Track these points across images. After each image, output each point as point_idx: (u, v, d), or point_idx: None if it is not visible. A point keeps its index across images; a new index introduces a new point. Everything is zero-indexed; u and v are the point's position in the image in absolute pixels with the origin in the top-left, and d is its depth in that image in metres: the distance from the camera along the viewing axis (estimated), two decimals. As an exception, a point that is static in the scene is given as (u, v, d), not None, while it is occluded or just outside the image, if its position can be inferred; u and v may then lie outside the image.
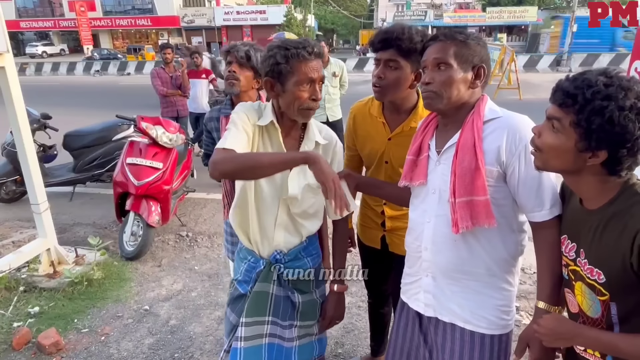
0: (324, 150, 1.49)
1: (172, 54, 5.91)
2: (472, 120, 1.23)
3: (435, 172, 1.31)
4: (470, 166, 1.20)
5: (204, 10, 37.75)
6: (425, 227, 1.34)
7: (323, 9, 46.84)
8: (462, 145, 1.22)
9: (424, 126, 1.41)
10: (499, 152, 1.19)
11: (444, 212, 1.28)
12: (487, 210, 1.19)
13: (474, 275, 1.29)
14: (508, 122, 1.22)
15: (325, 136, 1.51)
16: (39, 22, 38.03)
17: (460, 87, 1.23)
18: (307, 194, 1.45)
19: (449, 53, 1.21)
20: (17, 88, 2.77)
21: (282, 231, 1.48)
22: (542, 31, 31.15)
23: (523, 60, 18.77)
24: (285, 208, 1.45)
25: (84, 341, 2.55)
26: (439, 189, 1.30)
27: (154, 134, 3.66)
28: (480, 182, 1.18)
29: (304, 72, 1.32)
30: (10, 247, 3.62)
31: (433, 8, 34.38)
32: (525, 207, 1.22)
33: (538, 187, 1.18)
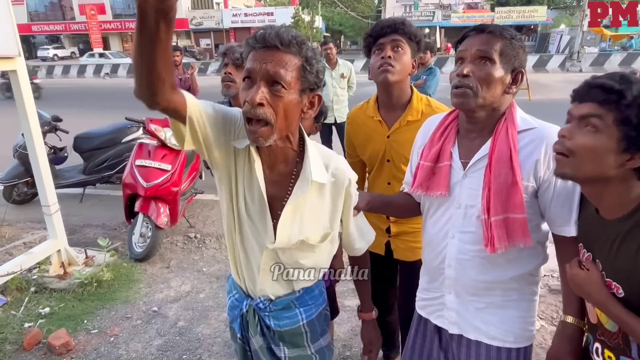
0: (333, 190, 1.16)
1: (180, 57, 5.94)
2: (505, 130, 1.13)
3: (462, 185, 1.20)
4: (506, 181, 1.11)
5: (212, 12, 38.00)
6: (449, 243, 1.24)
7: (330, 11, 46.89)
8: (498, 158, 1.12)
9: (442, 130, 1.27)
10: (536, 167, 1.11)
11: (469, 229, 1.19)
12: (524, 229, 1.11)
13: (500, 290, 1.23)
14: (543, 133, 1.13)
15: (334, 172, 1.15)
16: (50, 26, 38.55)
17: (498, 89, 1.11)
18: (300, 251, 1.18)
19: (495, 48, 1.09)
20: (28, 91, 2.81)
21: (267, 278, 1.22)
22: (551, 31, 30.86)
23: (532, 60, 18.60)
24: (271, 254, 1.18)
25: (93, 342, 2.57)
26: (465, 204, 1.20)
27: (162, 136, 3.68)
28: (518, 199, 1.10)
29: (246, 65, 1.02)
30: (21, 248, 3.67)
31: (441, 8, 34.25)
32: (555, 221, 1.15)
33: (571, 202, 1.12)
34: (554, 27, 31.00)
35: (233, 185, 1.15)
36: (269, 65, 0.97)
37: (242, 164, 1.12)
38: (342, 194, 1.17)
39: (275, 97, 0.99)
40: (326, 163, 1.15)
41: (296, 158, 1.14)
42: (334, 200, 1.17)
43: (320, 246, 1.19)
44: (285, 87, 0.99)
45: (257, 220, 1.15)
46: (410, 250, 1.76)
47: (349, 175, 1.18)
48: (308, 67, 1.02)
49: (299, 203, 1.12)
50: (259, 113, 0.98)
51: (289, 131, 1.08)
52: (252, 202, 1.14)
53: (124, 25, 37.88)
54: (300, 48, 1.01)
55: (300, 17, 35.44)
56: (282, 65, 0.98)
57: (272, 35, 0.98)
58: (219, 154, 1.11)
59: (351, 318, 2.71)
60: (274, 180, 1.13)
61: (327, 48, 5.27)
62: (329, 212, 1.18)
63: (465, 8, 34.87)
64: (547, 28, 32.43)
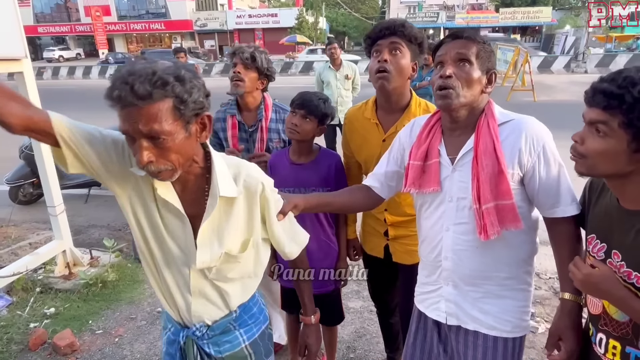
0: (247, 198, 1.12)
1: (185, 58, 5.97)
2: (486, 124, 1.21)
3: (452, 179, 1.27)
4: (493, 171, 1.18)
5: (216, 14, 38.13)
6: (444, 236, 1.30)
7: (334, 12, 46.91)
8: (482, 150, 1.19)
9: (428, 130, 1.34)
10: (520, 155, 1.18)
11: (463, 220, 1.26)
12: (514, 213, 1.18)
13: (496, 279, 1.28)
14: (522, 124, 1.21)
15: (246, 180, 1.12)
16: (56, 27, 38.82)
17: (477, 88, 1.21)
18: (226, 264, 1.14)
19: (472, 51, 1.20)
20: (34, 93, 2.83)
21: (200, 301, 1.17)
22: (556, 32, 30.73)
23: (537, 62, 18.53)
24: (199, 274, 1.15)
25: (98, 342, 2.58)
26: (456, 196, 1.26)
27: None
28: (505, 186, 1.17)
29: (119, 123, 0.93)
30: (27, 248, 3.69)
31: (445, 9, 34.19)
32: (545, 205, 1.22)
33: (558, 185, 1.19)
34: (559, 28, 30.84)
35: (142, 213, 1.10)
36: (140, 126, 0.89)
37: (149, 189, 1.07)
38: (257, 200, 1.14)
39: (161, 149, 0.93)
40: (236, 172, 1.12)
41: (205, 174, 1.11)
42: (249, 207, 1.14)
43: (243, 255, 1.16)
44: (165, 137, 0.92)
45: (182, 242, 1.11)
46: (408, 253, 1.75)
47: (262, 180, 1.15)
48: (181, 105, 0.92)
49: (215, 218, 1.10)
50: (153, 170, 0.95)
51: (190, 160, 1.05)
52: (172, 225, 1.10)
53: (129, 27, 38.10)
54: (164, 90, 0.89)
55: (304, 18, 35.49)
56: (153, 120, 0.89)
57: (127, 93, 0.86)
58: (116, 181, 1.07)
59: (355, 320, 2.71)
60: (188, 199, 1.10)
61: (331, 49, 5.28)
62: (245, 219, 1.15)
63: (469, 9, 34.78)
64: (552, 29, 32.28)
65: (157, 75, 0.89)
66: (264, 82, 2.04)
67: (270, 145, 2.04)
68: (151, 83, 0.88)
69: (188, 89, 0.93)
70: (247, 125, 2.06)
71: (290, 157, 1.84)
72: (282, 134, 2.02)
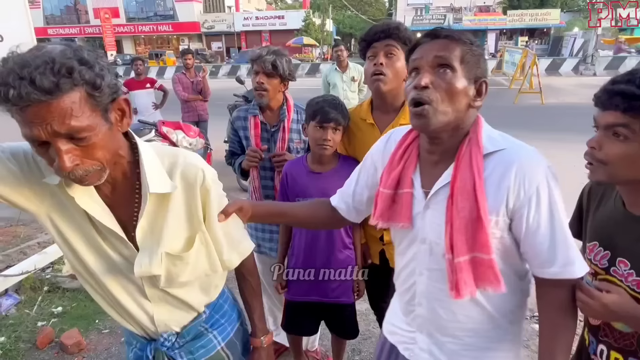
0: (186, 189, 0.99)
1: (192, 60, 6.00)
2: (469, 153, 0.97)
3: (424, 217, 1.04)
4: (471, 216, 0.94)
5: (223, 16, 38.35)
6: (417, 281, 1.09)
7: (341, 14, 46.99)
8: (460, 187, 0.95)
9: (402, 152, 1.09)
10: (507, 197, 0.94)
11: (438, 266, 1.03)
12: (493, 272, 0.95)
13: (478, 331, 1.07)
14: (514, 156, 0.95)
15: (184, 170, 0.99)
16: (66, 29, 39.22)
17: (462, 102, 0.95)
18: (173, 266, 1.00)
19: (455, 54, 0.95)
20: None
21: (162, 307, 1.06)
22: (565, 34, 30.54)
23: (545, 64, 18.42)
24: (151, 281, 1.02)
25: (104, 342, 2.60)
26: (429, 240, 1.04)
27: (174, 138, 3.73)
28: (483, 237, 0.93)
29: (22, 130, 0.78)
30: (35, 247, 3.72)
31: (452, 12, 34.11)
32: (533, 261, 0.99)
33: (552, 239, 0.94)
34: (567, 30, 30.64)
35: (68, 227, 0.96)
36: (55, 126, 0.75)
37: (69, 197, 0.91)
38: (197, 190, 1.00)
39: (83, 148, 0.80)
40: (171, 162, 0.99)
41: (135, 169, 0.97)
42: (189, 200, 1.00)
43: (190, 254, 1.02)
44: (87, 133, 0.79)
45: (123, 249, 0.99)
46: None
47: (202, 168, 1.00)
48: (96, 92, 0.79)
49: (149, 217, 0.98)
50: (80, 174, 0.81)
51: (116, 155, 0.92)
52: (105, 232, 0.97)
53: (137, 29, 38.43)
54: (71, 79, 0.75)
55: (311, 20, 35.58)
56: (68, 116, 0.75)
57: (28, 89, 0.71)
58: (28, 200, 0.93)
59: (360, 322, 2.69)
60: (120, 200, 0.97)
61: (338, 50, 5.30)
62: (185, 213, 1.01)
63: (476, 11, 34.67)
64: (561, 31, 32.08)
65: (57, 63, 0.74)
66: (286, 85, 2.06)
67: (291, 145, 2.05)
68: (54, 72, 0.73)
69: (98, 72, 0.79)
70: (269, 125, 2.08)
71: (309, 166, 1.80)
72: (302, 134, 2.02)
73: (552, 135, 7.45)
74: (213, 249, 1.09)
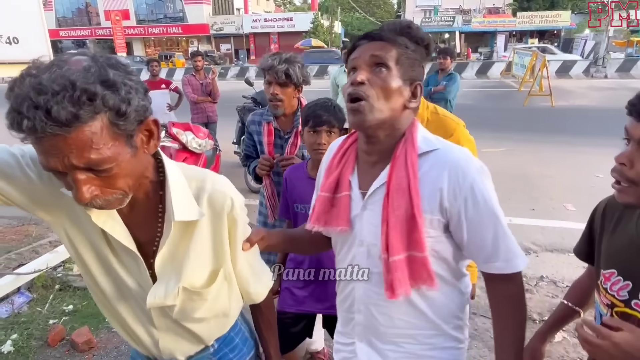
0: (212, 217, 0.93)
1: (202, 62, 6.05)
2: (404, 153, 0.98)
3: (361, 219, 1.04)
4: (406, 214, 0.95)
5: (232, 18, 38.59)
6: (356, 287, 1.08)
7: (350, 16, 47.05)
8: (395, 186, 0.97)
9: (340, 155, 1.10)
10: (441, 196, 0.96)
11: (376, 269, 1.03)
12: (426, 270, 0.97)
13: (418, 337, 1.07)
14: (447, 156, 0.98)
15: (211, 195, 0.92)
16: (77, 31, 39.73)
17: (397, 101, 0.98)
18: (190, 301, 0.95)
19: (391, 54, 0.98)
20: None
21: (169, 336, 1.01)
22: (575, 36, 30.26)
23: (555, 66, 18.27)
24: (161, 312, 0.97)
25: (114, 340, 2.63)
26: (367, 241, 1.04)
27: (184, 140, 3.76)
28: (417, 235, 0.95)
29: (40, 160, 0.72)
30: (47, 246, 3.78)
31: (461, 13, 33.98)
32: (477, 257, 1.01)
33: (494, 235, 0.97)
34: (578, 32, 30.37)
35: (83, 244, 0.91)
36: (72, 159, 0.68)
37: (87, 214, 0.84)
38: (224, 219, 0.93)
39: (104, 178, 0.74)
40: (199, 186, 0.92)
41: (158, 190, 0.90)
42: (215, 230, 0.94)
43: (210, 290, 0.96)
44: (108, 165, 0.72)
45: (137, 275, 0.92)
46: None
47: (231, 195, 0.94)
48: (120, 120, 0.71)
49: (172, 246, 0.91)
50: (99, 204, 0.76)
51: (141, 178, 0.85)
52: (120, 253, 0.91)
53: (147, 31, 38.77)
54: (93, 106, 0.67)
55: (320, 22, 35.66)
56: (87, 148, 0.68)
57: (43, 122, 0.64)
58: (46, 208, 0.88)
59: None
60: (139, 221, 0.90)
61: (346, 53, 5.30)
62: (211, 244, 0.95)
63: (486, 13, 34.51)
64: (571, 33, 31.81)
65: (78, 88, 0.65)
66: (300, 90, 2.03)
67: (304, 152, 2.03)
68: (73, 101, 0.65)
69: (124, 96, 0.71)
70: (282, 132, 2.06)
71: (308, 172, 1.75)
72: None
73: (562, 138, 7.37)
74: (236, 286, 1.04)
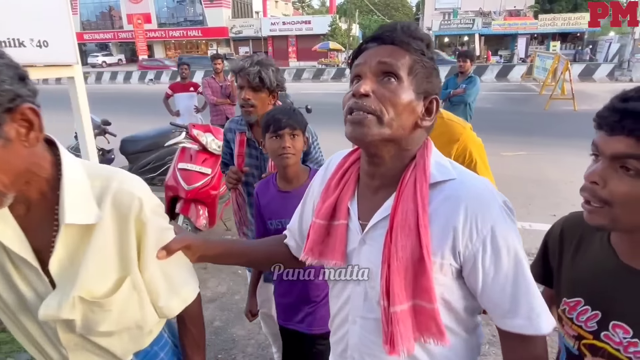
0: (116, 219, 0.83)
1: (222, 64, 6.14)
2: (413, 181, 0.82)
3: (359, 254, 0.89)
4: (412, 256, 0.80)
5: (251, 21, 39.00)
6: (350, 330, 0.93)
7: (368, 19, 46.98)
8: (400, 221, 0.81)
9: (340, 175, 0.95)
10: (454, 237, 0.80)
11: (373, 315, 0.88)
12: (436, 323, 0.81)
13: None
14: (465, 189, 0.82)
15: (116, 195, 0.83)
16: (100, 34, 40.75)
17: (408, 118, 0.81)
18: (91, 313, 0.84)
19: (403, 62, 0.81)
20: (84, 97, 2.99)
21: (79, 353, 0.90)
22: (599, 38, 29.57)
23: (578, 69, 17.89)
24: (64, 326, 0.86)
25: None
26: (364, 282, 0.89)
27: (203, 141, 3.81)
28: (425, 282, 0.79)
29: None
30: None
31: (481, 16, 33.56)
32: (494, 312, 0.85)
33: (514, 287, 0.80)
34: (602, 34, 29.66)
35: None
36: None
37: None
38: (131, 222, 0.84)
39: None
40: (103, 186, 0.83)
41: (56, 189, 0.80)
42: (121, 232, 0.84)
43: (115, 300, 0.84)
44: None
45: (37, 284, 0.82)
46: None
47: (140, 196, 0.85)
48: None
49: (71, 250, 0.82)
50: None
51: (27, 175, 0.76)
52: (16, 260, 0.81)
53: (168, 34, 39.50)
54: None
55: (337, 25, 35.72)
56: None
57: None
58: None
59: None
60: (35, 224, 0.81)
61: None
62: (116, 249, 0.85)
63: (506, 15, 34.01)
64: (595, 36, 31.08)
65: None
66: (275, 96, 1.88)
67: None
68: None
69: None
70: (257, 142, 1.88)
71: (277, 184, 1.62)
72: None
73: (585, 142, 7.14)
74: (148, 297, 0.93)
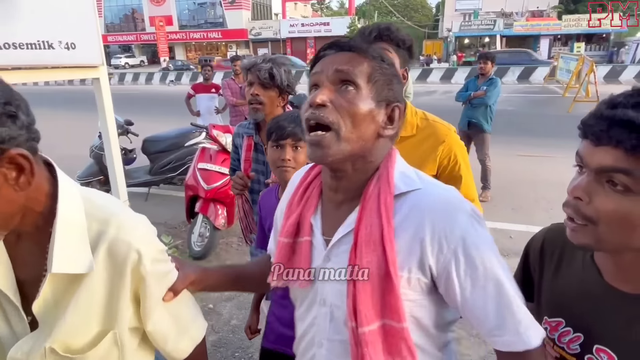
0: (109, 269, 0.77)
1: (242, 66, 6.22)
2: (377, 193, 0.78)
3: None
4: (379, 273, 0.75)
5: (270, 23, 39.30)
6: (317, 354, 0.88)
7: (387, 20, 46.84)
8: (365, 236, 0.77)
9: (302, 191, 0.91)
10: (421, 250, 0.75)
11: (339, 336, 0.83)
12: (406, 344, 0.76)
13: None
14: (430, 199, 0.77)
15: (112, 243, 0.76)
16: (124, 36, 41.70)
17: (368, 128, 0.78)
18: None
19: (361, 69, 0.78)
20: (108, 97, 3.07)
21: None
22: (626, 40, 28.75)
23: (604, 71, 17.43)
24: None
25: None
26: (329, 302, 0.84)
27: (223, 141, 3.87)
28: (393, 300, 0.75)
29: None
30: None
31: (503, 17, 33.03)
32: (481, 328, 0.79)
33: (496, 300, 0.75)
34: (629, 35, 28.83)
35: None
36: None
37: None
38: (127, 275, 0.77)
39: None
40: (100, 231, 0.76)
41: (50, 224, 0.74)
42: (112, 284, 0.77)
43: (91, 356, 0.78)
44: None
45: (13, 320, 0.77)
46: None
47: (138, 247, 0.77)
48: None
49: (59, 293, 0.75)
50: None
51: (18, 215, 0.72)
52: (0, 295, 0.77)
53: (188, 36, 40.15)
54: None
55: (357, 27, 35.66)
56: None
57: None
58: None
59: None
60: (22, 255, 0.76)
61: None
62: (104, 301, 0.78)
63: (529, 16, 33.39)
64: (621, 37, 30.24)
65: None
66: (284, 98, 1.84)
67: None
68: None
69: None
70: (265, 147, 1.81)
71: (279, 197, 1.50)
72: None
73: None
74: (132, 354, 0.85)
